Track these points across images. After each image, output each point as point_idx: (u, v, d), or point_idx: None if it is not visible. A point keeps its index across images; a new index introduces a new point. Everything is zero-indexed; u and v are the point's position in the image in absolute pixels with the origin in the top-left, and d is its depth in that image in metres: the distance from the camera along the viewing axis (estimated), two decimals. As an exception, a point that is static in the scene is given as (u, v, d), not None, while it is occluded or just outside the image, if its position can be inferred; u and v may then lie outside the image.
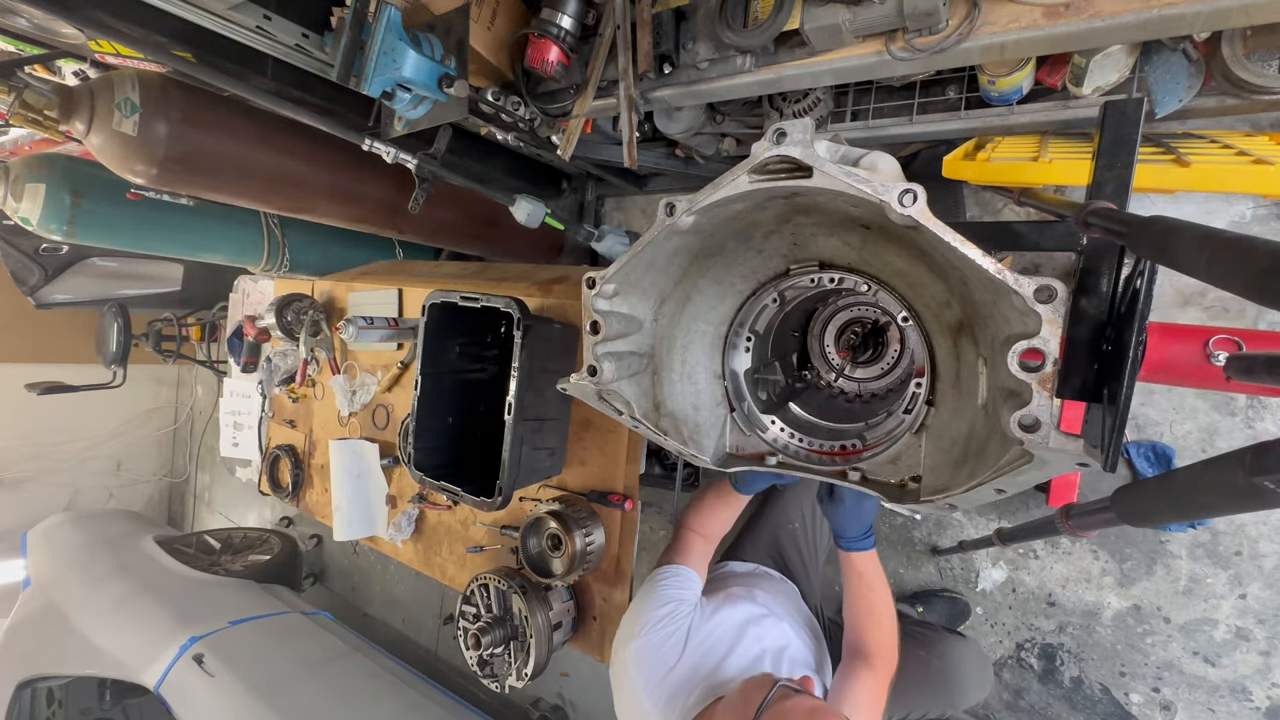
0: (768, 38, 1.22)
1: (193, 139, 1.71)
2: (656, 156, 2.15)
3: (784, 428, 1.09)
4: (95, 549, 3.08)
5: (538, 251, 3.05)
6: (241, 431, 2.61)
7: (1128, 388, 0.59)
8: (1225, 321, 1.72)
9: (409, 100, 1.43)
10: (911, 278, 0.89)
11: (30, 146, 2.65)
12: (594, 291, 0.89)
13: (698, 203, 0.76)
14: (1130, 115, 0.77)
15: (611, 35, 1.41)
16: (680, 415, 1.05)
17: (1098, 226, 0.67)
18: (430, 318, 1.47)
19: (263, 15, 1.38)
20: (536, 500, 1.60)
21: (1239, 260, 0.43)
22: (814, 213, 0.83)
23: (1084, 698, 1.92)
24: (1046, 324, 0.59)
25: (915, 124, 1.59)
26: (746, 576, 1.46)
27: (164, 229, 2.43)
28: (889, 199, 0.63)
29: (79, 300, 3.27)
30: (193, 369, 4.91)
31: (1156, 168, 1.23)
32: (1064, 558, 1.93)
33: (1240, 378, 0.44)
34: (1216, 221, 1.73)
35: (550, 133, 1.74)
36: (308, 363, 2.16)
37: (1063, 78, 1.40)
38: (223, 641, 2.43)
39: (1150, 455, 1.78)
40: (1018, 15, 1.07)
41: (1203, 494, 0.56)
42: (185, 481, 5.31)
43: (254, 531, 3.89)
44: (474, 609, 1.56)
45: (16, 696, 2.54)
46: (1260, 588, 1.70)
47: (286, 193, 2.02)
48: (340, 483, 1.99)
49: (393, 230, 2.44)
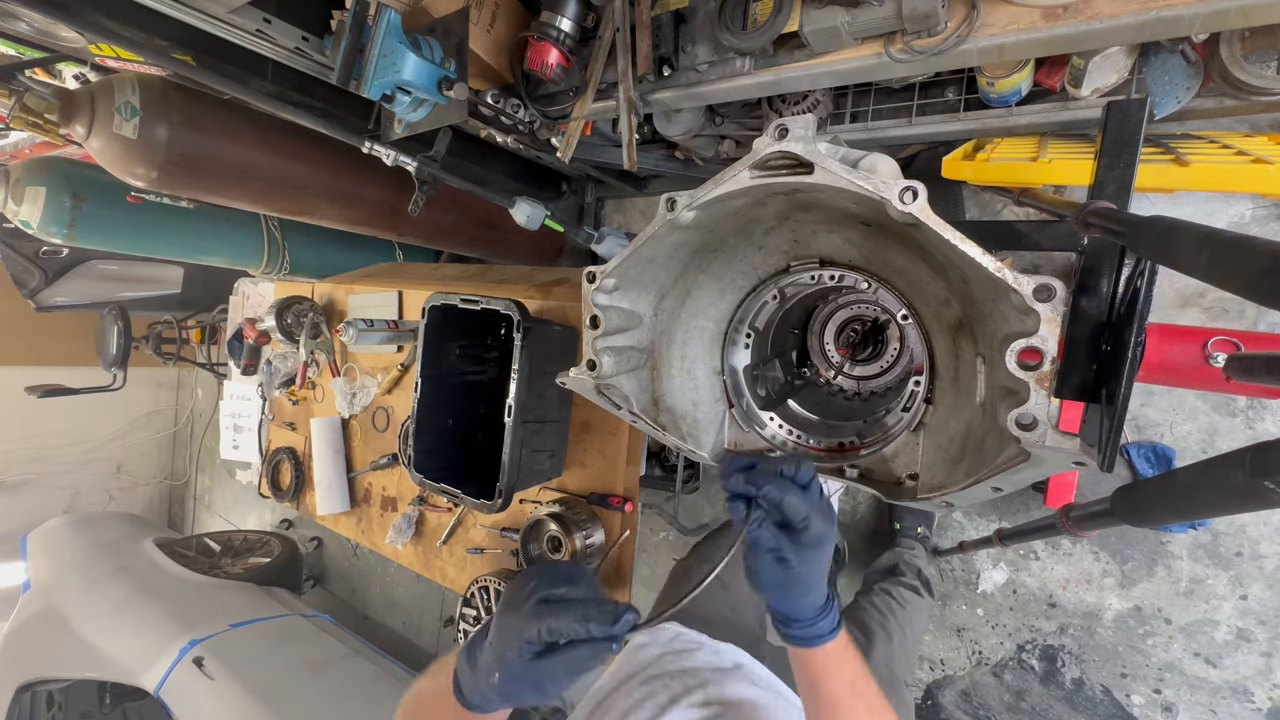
0: (767, 40, 1.22)
1: (193, 142, 1.72)
2: (656, 158, 2.15)
3: (782, 424, 1.09)
4: (95, 552, 3.07)
5: (538, 254, 3.05)
6: (241, 434, 2.61)
7: (1126, 388, 0.59)
8: (1225, 322, 1.72)
9: (409, 103, 1.44)
10: (911, 276, 0.89)
11: (31, 150, 2.65)
12: (594, 286, 0.89)
13: (699, 198, 0.76)
14: (1133, 116, 0.77)
15: (611, 38, 1.41)
16: (679, 411, 1.05)
17: (1098, 226, 0.67)
18: (430, 320, 1.47)
19: (263, 19, 1.39)
20: (537, 502, 1.60)
21: (1239, 260, 0.43)
22: (815, 209, 0.83)
23: (1085, 699, 1.91)
24: (1045, 323, 0.59)
25: (914, 126, 1.59)
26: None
27: (164, 232, 2.44)
28: (890, 196, 0.63)
29: (79, 303, 3.27)
30: (193, 372, 4.91)
31: (1156, 167, 1.23)
32: (1065, 559, 1.93)
33: (1240, 378, 0.44)
34: (1216, 221, 1.73)
35: (550, 135, 1.74)
36: (308, 365, 2.16)
37: (1061, 79, 1.40)
38: (223, 644, 2.42)
39: (1150, 456, 1.78)
40: (1016, 17, 1.08)
41: (1203, 494, 0.56)
42: (185, 484, 5.30)
43: (254, 534, 3.89)
44: (474, 611, 1.56)
45: (16, 700, 2.54)
46: (1261, 589, 1.70)
47: (286, 195, 2.03)
48: (322, 459, 2.02)
49: (393, 233, 2.44)
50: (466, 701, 0.67)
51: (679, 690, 0.88)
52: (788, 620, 0.67)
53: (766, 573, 0.64)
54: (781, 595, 0.66)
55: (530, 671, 0.59)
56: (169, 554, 3.21)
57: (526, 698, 0.63)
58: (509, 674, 0.61)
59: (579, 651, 0.58)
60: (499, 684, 0.62)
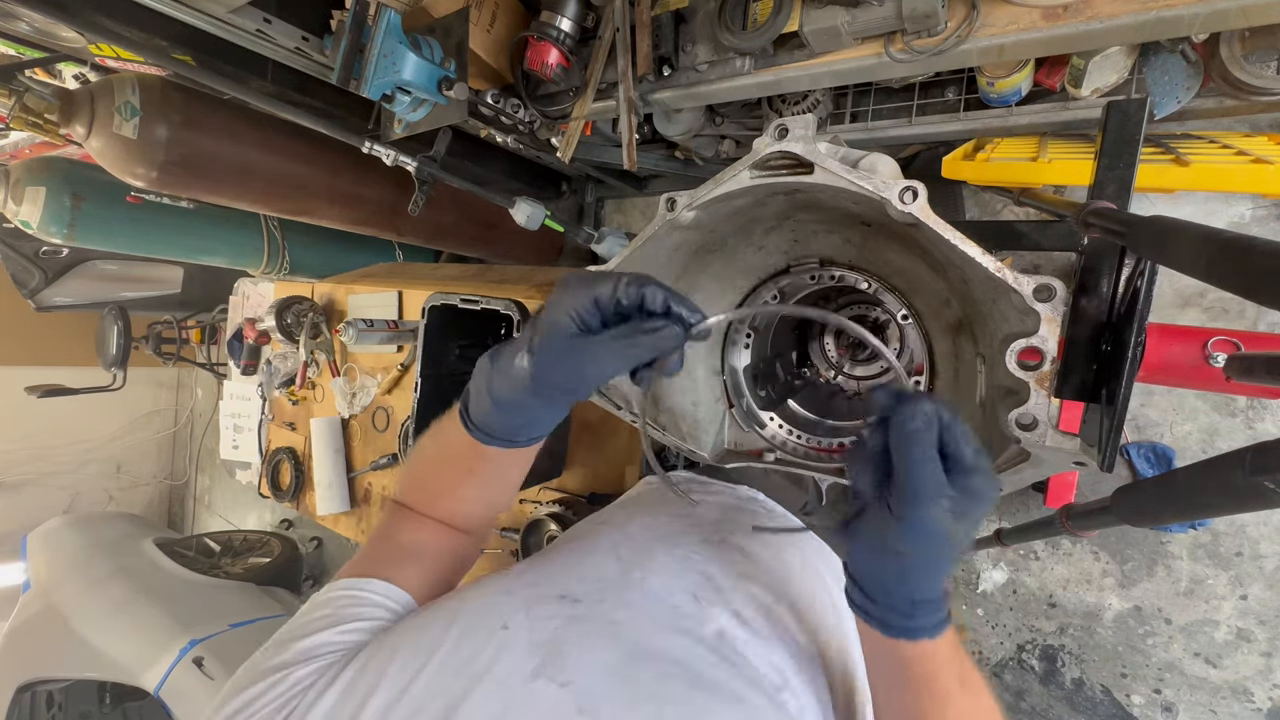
0: (767, 40, 1.23)
1: (193, 142, 1.72)
2: (656, 158, 2.15)
3: (782, 424, 1.09)
4: (95, 552, 3.07)
5: (538, 254, 3.05)
6: (241, 434, 2.61)
7: (1126, 388, 0.59)
8: (1225, 322, 1.72)
9: (409, 103, 1.44)
10: (911, 276, 0.89)
11: (31, 150, 2.65)
12: (594, 287, 0.89)
13: (699, 198, 0.76)
14: (1133, 116, 0.77)
15: (611, 38, 1.41)
16: (679, 411, 1.05)
17: (1098, 226, 0.67)
18: (430, 320, 1.47)
19: (263, 19, 1.39)
20: (536, 503, 1.60)
21: (1239, 260, 0.43)
22: (815, 210, 0.83)
23: (1085, 699, 1.91)
24: (1045, 323, 0.59)
25: (914, 126, 1.59)
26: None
27: (164, 232, 2.44)
28: (890, 195, 0.63)
29: (79, 303, 3.27)
30: (193, 372, 4.91)
31: (1156, 167, 1.23)
32: (1065, 559, 1.93)
33: (1240, 378, 0.44)
34: (1216, 221, 1.73)
35: (550, 135, 1.74)
36: (308, 365, 2.16)
37: (1061, 79, 1.40)
38: (223, 644, 2.42)
39: (1150, 456, 1.78)
40: (1016, 17, 1.08)
41: (1203, 494, 0.56)
42: (185, 484, 5.30)
43: (254, 534, 3.89)
44: (474, 611, 1.55)
45: (16, 700, 2.54)
46: (1261, 589, 1.70)
47: (286, 195, 2.03)
48: (322, 459, 2.02)
49: (393, 232, 2.44)
50: (476, 424, 0.56)
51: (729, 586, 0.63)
52: (919, 606, 0.46)
53: (932, 533, 0.41)
54: (929, 568, 0.45)
55: (577, 345, 0.48)
56: (169, 554, 3.21)
57: (559, 387, 0.51)
58: (549, 349, 0.49)
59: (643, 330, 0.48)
60: (531, 367, 0.50)
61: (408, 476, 0.68)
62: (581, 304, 0.48)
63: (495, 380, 0.53)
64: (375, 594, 0.56)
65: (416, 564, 0.62)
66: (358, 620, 0.54)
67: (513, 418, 0.55)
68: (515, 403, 0.53)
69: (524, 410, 0.54)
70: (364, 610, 0.55)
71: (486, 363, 0.55)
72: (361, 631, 0.53)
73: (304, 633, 0.52)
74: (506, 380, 0.52)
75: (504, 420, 0.56)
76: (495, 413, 0.55)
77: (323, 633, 0.52)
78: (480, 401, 0.56)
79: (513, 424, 0.56)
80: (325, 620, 0.53)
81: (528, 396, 0.52)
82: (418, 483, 0.68)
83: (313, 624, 0.53)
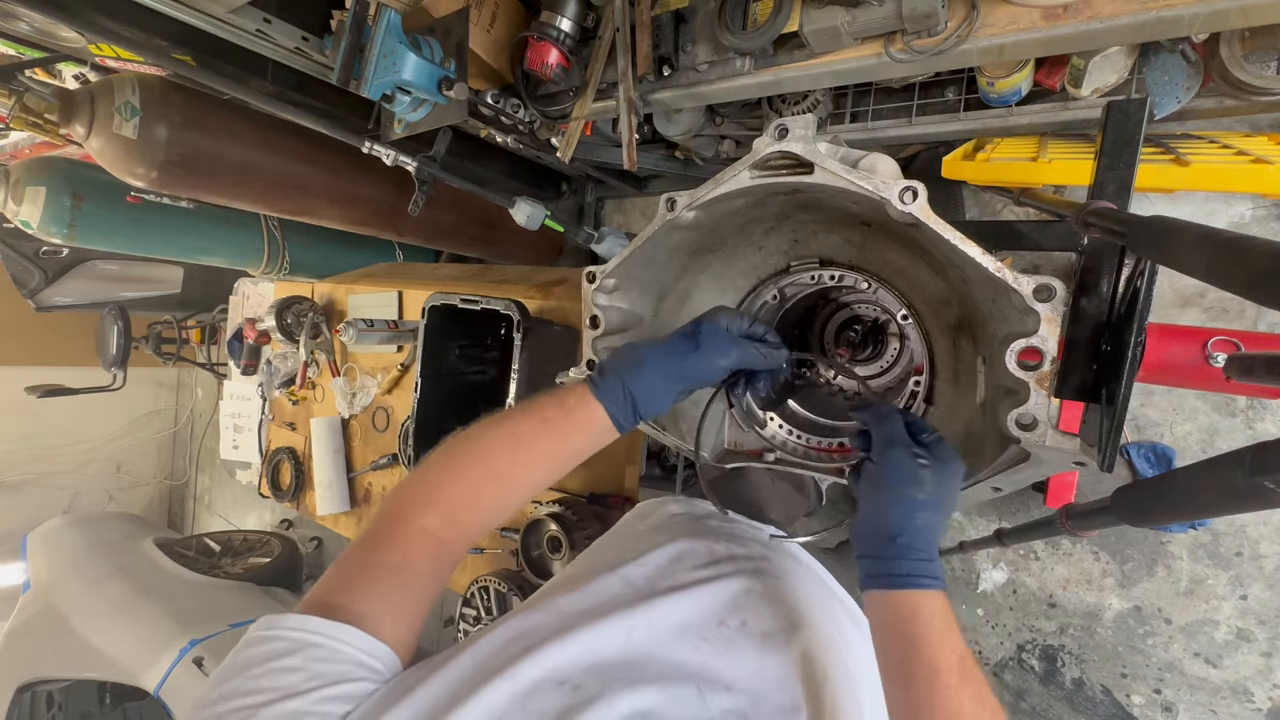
0: (767, 40, 1.22)
1: (193, 142, 1.72)
2: (656, 158, 2.15)
3: (782, 424, 1.09)
4: (95, 552, 3.07)
5: (537, 254, 3.05)
6: (241, 434, 2.61)
7: (1126, 388, 0.59)
8: (1225, 322, 1.72)
9: (409, 103, 1.44)
10: (911, 276, 0.89)
11: (31, 150, 2.65)
12: (594, 286, 0.89)
13: (699, 198, 0.76)
14: (1133, 116, 0.77)
15: (611, 38, 1.41)
16: (679, 411, 1.05)
17: (1097, 226, 0.67)
18: (430, 320, 1.47)
19: (263, 18, 1.39)
20: (537, 502, 1.60)
21: (1239, 260, 0.43)
22: (815, 209, 0.83)
23: (1085, 699, 1.91)
24: (1045, 323, 0.59)
25: (914, 126, 1.59)
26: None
27: (164, 232, 2.44)
28: (890, 196, 0.63)
29: (79, 303, 3.27)
30: (193, 372, 4.91)
31: (1156, 167, 1.23)
32: (1065, 559, 1.93)
33: (1240, 378, 0.44)
34: (1216, 221, 1.73)
35: (550, 135, 1.74)
36: (308, 365, 2.16)
37: (1061, 79, 1.40)
38: (223, 644, 2.42)
39: (1150, 456, 1.78)
40: (1016, 17, 1.08)
41: (1203, 494, 0.56)
42: (185, 484, 5.30)
43: (254, 534, 3.89)
44: (474, 611, 1.56)
45: (16, 700, 2.54)
46: (1261, 589, 1.70)
47: (286, 195, 2.03)
48: (322, 459, 2.03)
49: (393, 232, 2.45)
50: (603, 389, 0.68)
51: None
52: (901, 548, 0.55)
53: (900, 469, 0.59)
54: (904, 505, 0.58)
55: (726, 341, 0.71)
56: (169, 554, 3.21)
57: (709, 370, 0.71)
58: (712, 334, 0.71)
59: (767, 344, 0.73)
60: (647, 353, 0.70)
61: (443, 472, 0.68)
62: (735, 319, 0.73)
63: (621, 364, 0.70)
64: (350, 647, 0.51)
65: (397, 584, 0.59)
66: (336, 683, 0.48)
67: (658, 394, 0.70)
68: (674, 380, 0.71)
69: (669, 391, 0.71)
70: (340, 669, 0.49)
71: (647, 351, 0.71)
72: (340, 700, 0.47)
73: (271, 694, 0.46)
74: (674, 361, 0.70)
75: (649, 395, 0.70)
76: (614, 385, 0.69)
77: (294, 699, 0.46)
78: (643, 382, 0.69)
79: (654, 402, 0.71)
80: (297, 682, 0.47)
81: (684, 377, 0.71)
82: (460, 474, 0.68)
83: (280, 684, 0.47)
